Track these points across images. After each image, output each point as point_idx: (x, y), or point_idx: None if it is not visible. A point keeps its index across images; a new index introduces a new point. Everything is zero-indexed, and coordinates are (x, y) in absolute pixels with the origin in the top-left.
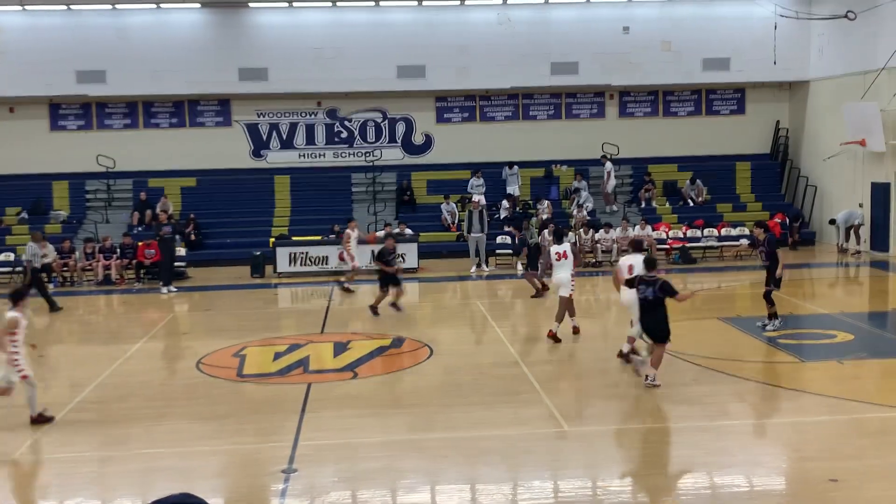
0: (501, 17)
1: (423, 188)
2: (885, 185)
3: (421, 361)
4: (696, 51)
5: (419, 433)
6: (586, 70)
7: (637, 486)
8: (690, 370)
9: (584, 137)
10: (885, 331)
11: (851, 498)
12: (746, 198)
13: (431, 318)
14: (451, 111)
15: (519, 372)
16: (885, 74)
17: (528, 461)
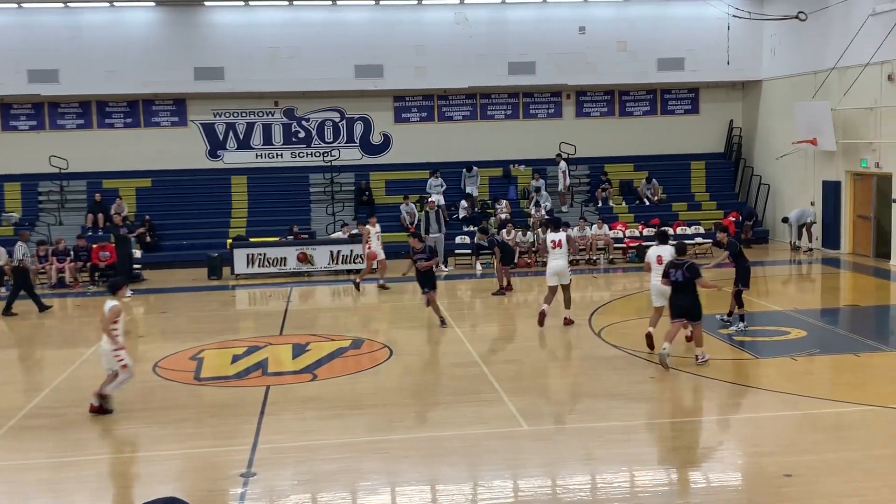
0: (459, 16)
1: (382, 188)
2: (836, 183)
3: (381, 362)
4: (651, 51)
5: (379, 434)
6: (543, 70)
7: (596, 483)
8: (648, 368)
9: (541, 137)
10: (837, 327)
11: (806, 492)
12: (701, 197)
13: (391, 319)
14: (410, 111)
15: (479, 371)
16: (836, 74)
17: (489, 460)
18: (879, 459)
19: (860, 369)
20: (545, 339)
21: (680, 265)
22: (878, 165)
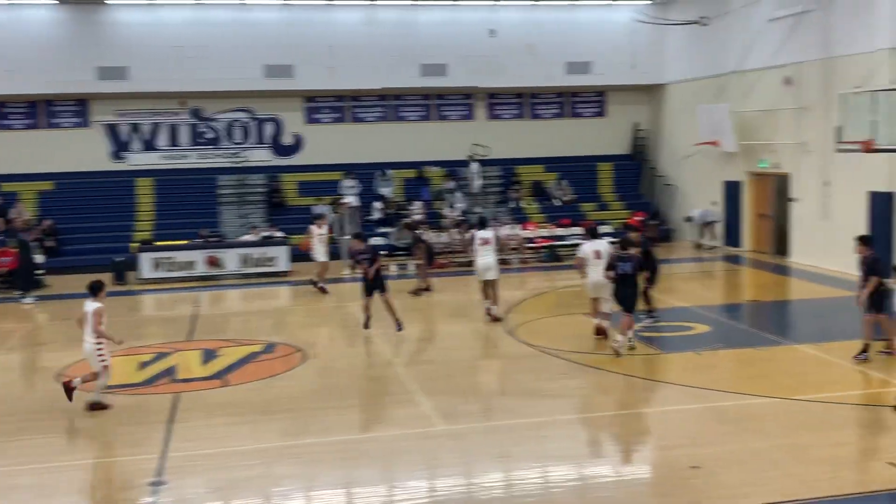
0: (369, 17)
1: (294, 190)
2: (737, 183)
3: (294, 366)
4: (560, 54)
5: (294, 438)
6: (454, 72)
7: (511, 480)
8: (559, 365)
9: (454, 139)
10: (739, 322)
11: (712, 483)
12: (609, 197)
13: (304, 322)
14: (321, 112)
15: (394, 373)
16: (736, 78)
17: (404, 462)
18: (781, 449)
19: (761, 363)
20: (460, 338)
21: (628, 258)
22: (776, 166)
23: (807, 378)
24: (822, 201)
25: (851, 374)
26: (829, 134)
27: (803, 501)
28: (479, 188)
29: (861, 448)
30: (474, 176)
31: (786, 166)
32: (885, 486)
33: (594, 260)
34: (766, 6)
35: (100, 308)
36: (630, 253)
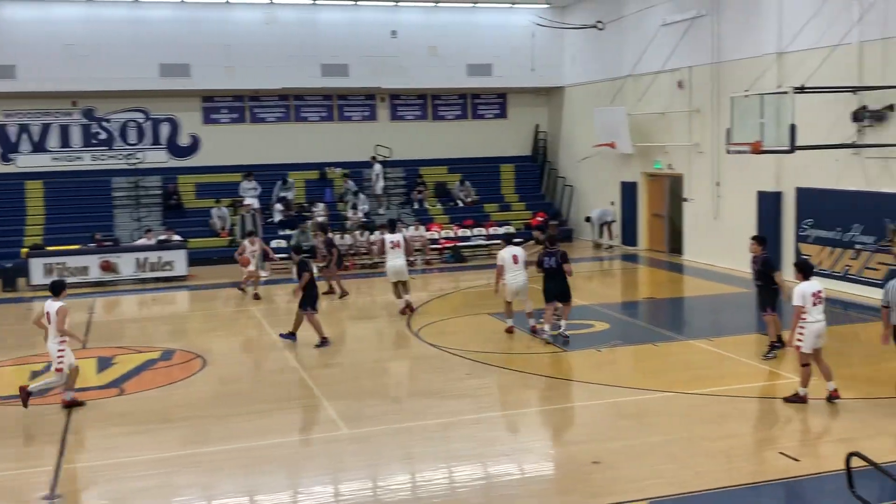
0: (268, 16)
1: (192, 192)
2: (633, 184)
3: (194, 373)
4: (461, 56)
5: (194, 447)
6: (356, 72)
7: (416, 482)
8: (463, 365)
9: (356, 139)
10: (637, 319)
11: (612, 477)
12: (511, 198)
13: (203, 328)
14: (219, 112)
15: (297, 377)
16: (631, 81)
17: (309, 467)
18: (678, 443)
19: (658, 358)
20: (365, 341)
21: (553, 253)
22: (670, 167)
23: (701, 372)
24: (713, 201)
25: (744, 368)
26: (719, 136)
27: (699, 493)
28: (381, 189)
29: (754, 439)
30: (377, 177)
31: (679, 167)
32: (777, 475)
33: (512, 265)
34: (659, 11)
35: (63, 307)
36: (556, 248)
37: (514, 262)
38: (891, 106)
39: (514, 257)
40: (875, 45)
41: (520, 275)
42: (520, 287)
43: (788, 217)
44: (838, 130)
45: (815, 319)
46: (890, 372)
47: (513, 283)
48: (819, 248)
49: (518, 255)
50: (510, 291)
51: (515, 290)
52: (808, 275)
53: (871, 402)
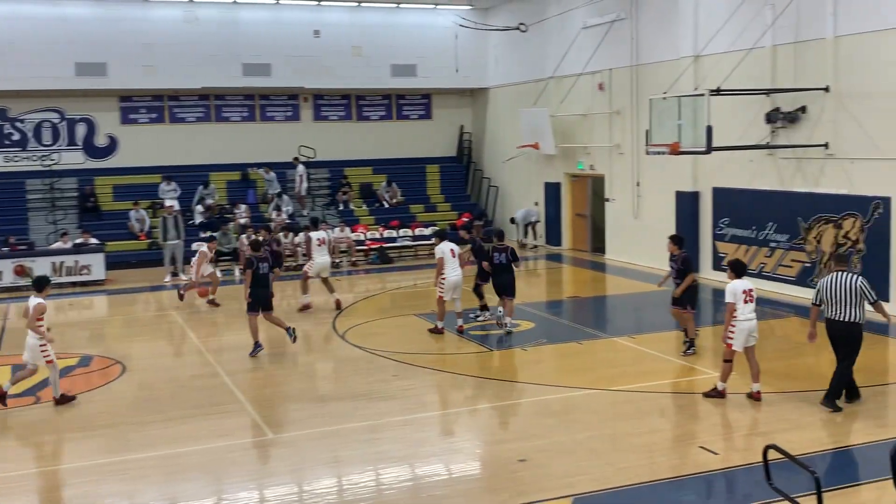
0: (189, 15)
1: (109, 194)
2: (557, 184)
3: (113, 379)
4: (385, 57)
5: (115, 455)
6: (279, 72)
7: (343, 485)
8: (390, 366)
9: (279, 140)
10: (561, 317)
11: (539, 475)
12: (436, 199)
13: (123, 333)
14: (138, 112)
15: (220, 382)
16: (554, 83)
17: (233, 473)
18: (603, 439)
19: (583, 355)
20: (289, 344)
21: (503, 249)
22: (592, 167)
23: (624, 369)
24: (633, 201)
25: (664, 365)
26: (639, 137)
27: (623, 488)
28: (305, 191)
29: (675, 434)
30: (301, 178)
31: (601, 168)
32: (698, 469)
33: (451, 259)
34: (580, 14)
35: (41, 304)
36: (504, 244)
37: (453, 256)
38: (803, 108)
39: (452, 251)
40: (787, 48)
41: (458, 269)
42: (459, 282)
43: (706, 216)
44: (753, 132)
45: (746, 317)
46: (803, 367)
47: (452, 277)
48: (735, 246)
49: (455, 249)
50: (450, 286)
51: (455, 285)
52: (741, 273)
53: (786, 395)
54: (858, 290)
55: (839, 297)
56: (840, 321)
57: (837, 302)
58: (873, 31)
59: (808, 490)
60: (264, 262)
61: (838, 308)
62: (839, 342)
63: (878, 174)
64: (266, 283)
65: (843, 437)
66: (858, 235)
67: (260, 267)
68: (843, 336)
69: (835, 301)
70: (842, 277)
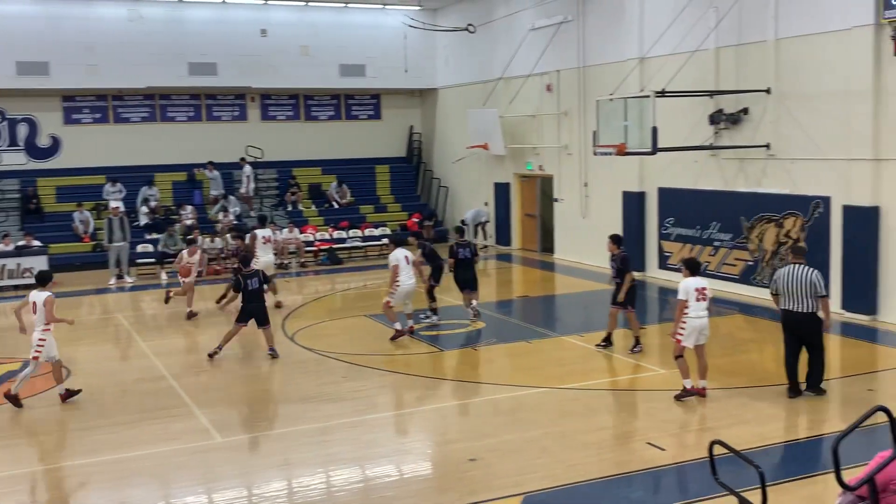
0: (133, 13)
1: (52, 196)
2: (506, 184)
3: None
4: (334, 56)
5: (59, 461)
6: (225, 72)
7: (293, 488)
8: (340, 368)
9: (226, 140)
10: (511, 317)
11: (489, 473)
12: (386, 199)
13: (67, 337)
14: (81, 112)
15: (167, 386)
16: (502, 84)
17: (181, 477)
18: (552, 437)
19: (532, 354)
20: (237, 346)
21: (466, 245)
22: (541, 168)
23: (573, 367)
24: (581, 201)
25: (612, 362)
26: (587, 138)
27: (572, 485)
28: (252, 191)
29: (623, 431)
30: (248, 179)
31: (549, 168)
32: (645, 465)
33: (406, 265)
34: (528, 16)
35: (50, 297)
36: (467, 240)
37: (407, 263)
38: (745, 109)
39: (407, 258)
40: (730, 51)
41: (413, 278)
42: (412, 290)
43: (651, 216)
44: (697, 133)
45: (697, 315)
46: (747, 363)
47: (407, 286)
48: (680, 245)
49: (409, 256)
50: (402, 294)
51: (408, 293)
52: (696, 271)
53: (729, 391)
54: (813, 282)
55: (796, 289)
56: (799, 312)
57: (795, 293)
58: (813, 34)
59: (753, 484)
60: (253, 277)
61: (796, 300)
62: (796, 333)
63: (818, 174)
64: (259, 297)
65: (786, 432)
66: (799, 234)
67: (249, 284)
68: (801, 327)
69: (792, 293)
70: (799, 270)
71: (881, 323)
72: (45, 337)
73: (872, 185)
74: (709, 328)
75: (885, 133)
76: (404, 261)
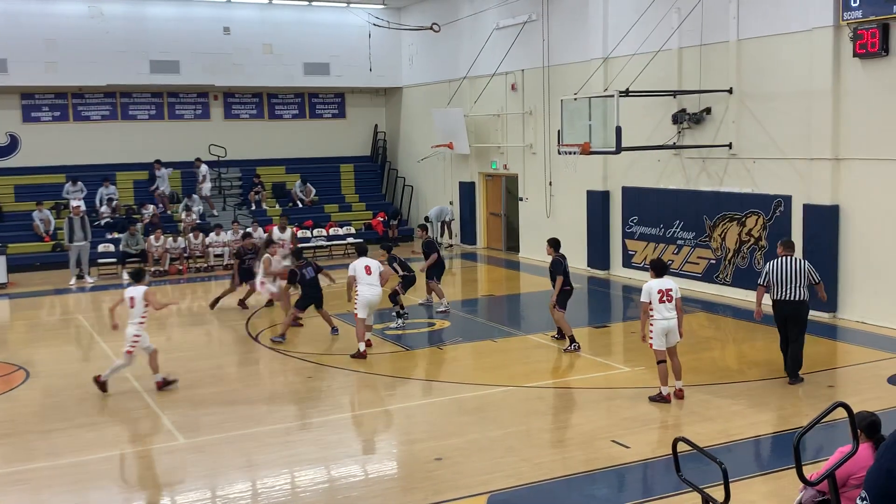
0: (93, 10)
1: (10, 195)
2: (471, 183)
3: (15, 386)
4: (298, 55)
5: (18, 464)
6: (188, 70)
7: (257, 489)
8: (305, 368)
9: (188, 139)
10: (477, 316)
11: (455, 472)
12: (351, 198)
13: (26, 338)
14: (40, 109)
15: (129, 387)
16: (467, 83)
17: (144, 479)
18: (517, 435)
19: (498, 353)
20: (200, 347)
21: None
22: (505, 167)
23: (538, 366)
24: (546, 200)
25: (577, 361)
26: (551, 137)
27: (537, 483)
28: (208, 191)
29: (588, 429)
30: (203, 178)
31: (514, 167)
32: (610, 463)
33: (366, 276)
34: (492, 15)
35: (149, 289)
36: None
37: (368, 274)
38: (707, 109)
39: (368, 268)
40: (693, 51)
41: (377, 288)
42: (375, 301)
43: (615, 215)
44: (660, 132)
45: (663, 317)
46: (709, 361)
47: (367, 295)
48: (644, 243)
49: (372, 265)
50: (363, 304)
51: (369, 303)
52: (661, 273)
53: (693, 388)
54: (806, 271)
55: (788, 279)
56: (791, 301)
57: (787, 283)
58: (774, 35)
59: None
60: (307, 267)
61: (788, 289)
62: (789, 320)
63: (779, 174)
64: (316, 285)
65: (748, 428)
66: (761, 233)
67: (305, 273)
68: (793, 314)
69: (784, 283)
70: (789, 261)
71: (841, 320)
72: (139, 332)
73: (832, 185)
74: (677, 329)
75: (844, 133)
76: (363, 271)
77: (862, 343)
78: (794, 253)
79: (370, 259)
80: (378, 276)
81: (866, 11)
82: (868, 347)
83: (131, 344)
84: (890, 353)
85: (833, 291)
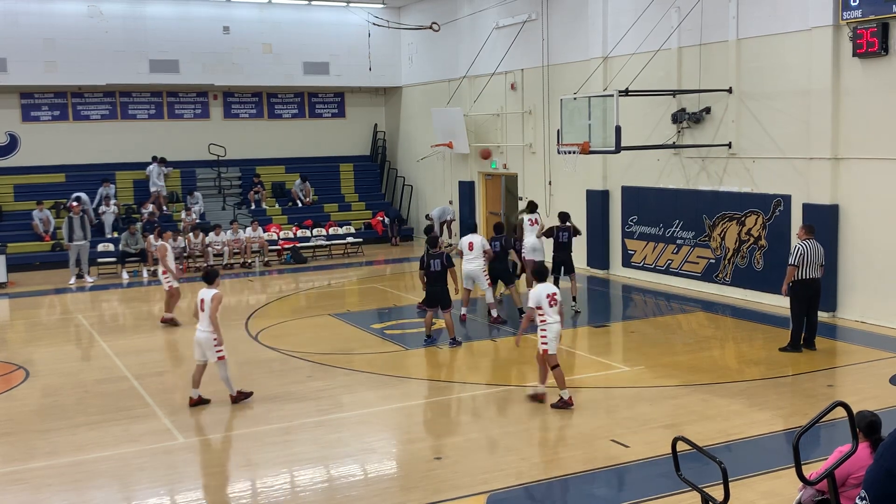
0: (93, 9)
1: (10, 194)
2: (471, 183)
3: (15, 385)
4: (297, 54)
5: (17, 464)
6: (187, 69)
7: (257, 489)
8: (305, 367)
9: (188, 138)
10: (476, 315)
11: (455, 472)
12: (351, 198)
13: (26, 338)
14: (40, 109)
15: (129, 387)
16: (467, 82)
17: (143, 479)
18: (515, 435)
19: (497, 353)
20: None
21: (438, 256)
22: (505, 166)
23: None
24: (546, 199)
25: (577, 360)
26: (550, 136)
27: (537, 482)
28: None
29: (587, 429)
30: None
31: (514, 167)
32: (610, 462)
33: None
34: (492, 14)
35: (218, 294)
36: (439, 250)
37: (470, 249)
38: (707, 108)
39: (470, 244)
40: (693, 50)
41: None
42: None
43: (615, 214)
44: (660, 132)
45: (555, 320)
46: (709, 360)
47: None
48: (643, 243)
49: (473, 241)
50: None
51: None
52: (544, 278)
53: (691, 388)
54: (823, 253)
55: (814, 260)
56: (815, 279)
57: (812, 264)
58: (774, 35)
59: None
60: (437, 259)
61: (812, 268)
62: (814, 297)
63: (778, 173)
64: (442, 280)
65: (748, 427)
66: (760, 232)
67: (432, 265)
68: (816, 291)
69: (811, 263)
70: (814, 244)
71: (840, 320)
72: (217, 336)
73: (832, 184)
74: (560, 332)
75: (843, 132)
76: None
77: (861, 343)
78: (813, 236)
79: (475, 235)
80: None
81: (866, 11)
82: (868, 347)
83: (217, 350)
84: (890, 353)
85: (833, 291)
